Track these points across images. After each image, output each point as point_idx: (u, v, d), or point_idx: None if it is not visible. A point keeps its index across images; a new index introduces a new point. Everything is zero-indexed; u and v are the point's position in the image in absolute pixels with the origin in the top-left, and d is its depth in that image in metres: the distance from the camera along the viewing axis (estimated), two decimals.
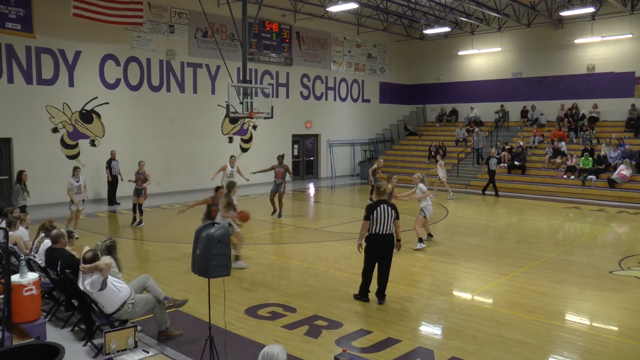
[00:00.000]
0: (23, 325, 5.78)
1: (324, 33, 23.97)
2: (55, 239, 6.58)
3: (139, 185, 13.23)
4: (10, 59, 14.98)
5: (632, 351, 5.87)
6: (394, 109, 28.51)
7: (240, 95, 15.23)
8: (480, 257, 10.05)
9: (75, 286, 5.94)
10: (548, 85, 24.06)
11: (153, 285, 6.20)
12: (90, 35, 16.44)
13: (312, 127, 24.32)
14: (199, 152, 19.65)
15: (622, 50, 21.92)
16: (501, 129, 24.46)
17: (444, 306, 7.34)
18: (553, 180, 19.73)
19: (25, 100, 15.35)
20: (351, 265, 9.28)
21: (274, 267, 9.55)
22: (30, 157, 15.45)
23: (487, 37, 25.43)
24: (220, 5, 19.31)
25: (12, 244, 7.32)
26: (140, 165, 13.46)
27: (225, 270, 5.04)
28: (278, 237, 12.46)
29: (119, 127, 17.49)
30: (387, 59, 27.93)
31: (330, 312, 6.96)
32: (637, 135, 20.68)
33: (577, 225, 14.58)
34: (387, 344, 5.96)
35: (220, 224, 5.20)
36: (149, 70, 18.16)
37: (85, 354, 5.73)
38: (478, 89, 26.36)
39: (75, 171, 11.95)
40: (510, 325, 6.55)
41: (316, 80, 24.16)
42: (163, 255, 10.23)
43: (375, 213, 7.16)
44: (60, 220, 12.99)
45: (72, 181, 11.79)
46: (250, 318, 6.80)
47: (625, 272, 9.05)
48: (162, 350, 5.82)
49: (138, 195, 13.22)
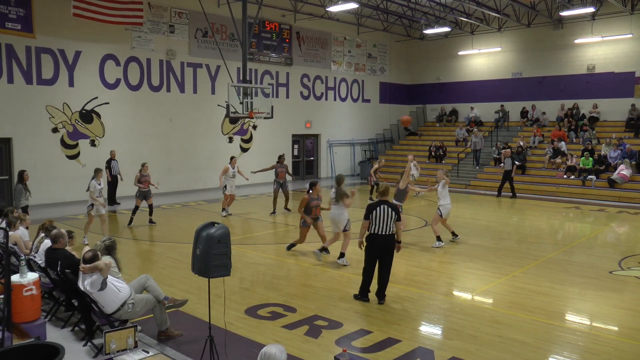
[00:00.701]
0: (23, 325, 5.78)
1: (324, 33, 23.96)
2: (55, 239, 6.58)
3: (146, 188, 13.01)
4: (10, 59, 14.98)
5: (632, 351, 5.87)
6: (394, 109, 28.51)
7: (240, 95, 15.22)
8: (480, 257, 10.05)
9: (75, 286, 5.94)
10: (548, 85, 24.06)
11: (153, 285, 6.20)
12: (90, 35, 16.44)
13: (312, 127, 24.32)
14: (199, 152, 19.65)
15: (622, 50, 21.92)
16: (501, 129, 24.46)
17: (444, 306, 7.34)
18: (553, 180, 19.73)
19: (25, 100, 15.35)
20: (351, 266, 9.28)
21: (274, 267, 9.55)
22: (30, 157, 15.45)
23: (487, 37, 25.43)
24: (220, 5, 19.31)
25: (12, 244, 7.31)
26: (145, 167, 13.18)
27: (225, 270, 5.04)
28: (278, 237, 12.46)
29: (119, 127, 17.49)
30: (387, 59, 27.93)
31: (330, 312, 6.96)
32: (637, 135, 20.68)
33: (577, 225, 14.58)
34: (387, 344, 5.97)
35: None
36: (149, 70, 18.16)
37: (85, 354, 5.73)
38: (478, 89, 26.36)
39: (97, 173, 11.21)
40: (510, 325, 6.55)
41: (316, 80, 24.16)
42: (163, 255, 10.23)
43: (374, 213, 7.16)
44: (60, 220, 13.01)
45: (94, 184, 11.02)
46: (250, 318, 6.80)
47: (625, 272, 9.05)
48: (162, 350, 5.82)
49: (146, 197, 13.07)
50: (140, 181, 13.09)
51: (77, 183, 16.53)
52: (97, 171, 11.26)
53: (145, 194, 13.11)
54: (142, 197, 13.12)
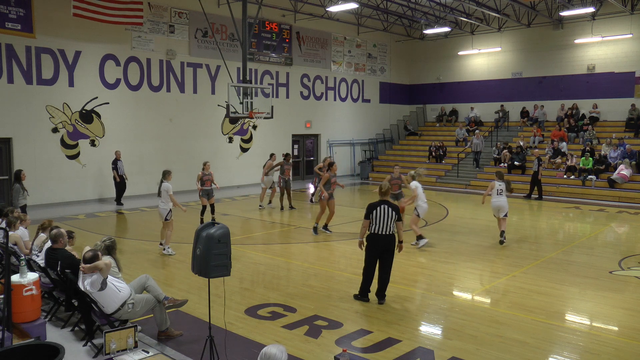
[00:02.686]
0: (23, 325, 5.78)
1: (324, 33, 23.96)
2: (55, 239, 6.58)
3: (209, 186, 13.01)
4: (10, 59, 14.97)
5: (632, 351, 5.87)
6: (394, 109, 28.51)
7: (240, 95, 15.23)
8: (480, 257, 10.05)
9: (75, 286, 5.94)
10: (548, 85, 24.07)
11: (153, 285, 6.20)
12: (90, 35, 16.44)
13: (312, 127, 24.31)
14: (199, 152, 19.62)
15: (622, 50, 21.92)
16: (501, 129, 24.47)
17: (444, 306, 7.34)
18: (553, 180, 19.73)
19: (25, 100, 15.34)
20: (351, 265, 9.28)
21: (274, 267, 9.55)
22: (30, 157, 15.45)
23: (487, 37, 25.44)
24: (220, 5, 19.31)
25: (12, 244, 7.32)
26: (206, 166, 13.16)
27: (225, 270, 5.04)
28: (278, 237, 12.45)
29: (119, 127, 17.49)
30: (387, 59, 27.92)
31: (330, 312, 6.96)
32: (637, 135, 20.68)
33: (577, 225, 14.58)
34: (387, 344, 5.97)
35: (221, 224, 5.19)
36: (149, 70, 18.16)
37: (85, 354, 5.73)
38: (478, 89, 26.36)
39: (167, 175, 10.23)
40: (510, 325, 6.55)
41: (316, 80, 24.15)
42: (163, 255, 10.22)
43: (375, 212, 7.16)
44: (60, 220, 13.00)
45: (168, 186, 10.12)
46: (250, 318, 6.79)
47: (625, 272, 9.05)
48: (162, 350, 5.81)
49: (209, 197, 13.07)
50: (202, 180, 12.95)
51: (77, 183, 16.57)
52: (167, 173, 10.30)
53: (208, 193, 13.06)
54: (206, 196, 13.06)
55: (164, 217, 10.11)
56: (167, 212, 10.08)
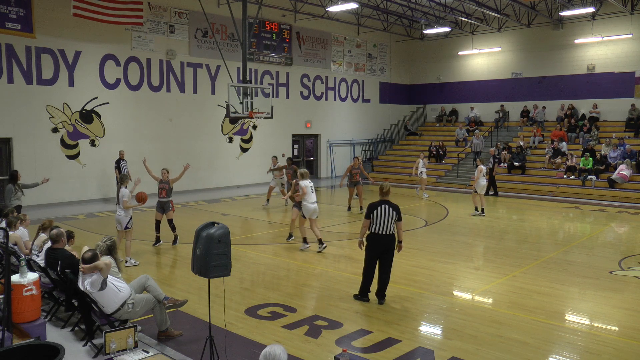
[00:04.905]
0: (23, 325, 5.78)
1: (324, 33, 23.96)
2: (55, 239, 6.58)
3: (164, 197, 10.71)
4: (10, 59, 14.97)
5: (632, 351, 5.87)
6: (394, 109, 28.51)
7: (240, 95, 15.23)
8: (480, 257, 10.06)
9: (75, 286, 5.94)
10: (548, 85, 24.06)
11: (153, 285, 6.20)
12: (90, 35, 16.44)
13: (312, 127, 24.31)
14: (199, 152, 19.63)
15: (622, 50, 21.92)
16: (501, 129, 24.46)
17: (444, 306, 7.34)
18: (553, 180, 19.73)
19: (25, 100, 15.34)
20: (351, 265, 9.28)
21: (274, 267, 9.55)
22: (30, 157, 15.45)
23: (487, 37, 25.43)
24: (220, 5, 19.31)
25: (12, 244, 7.32)
26: (164, 174, 10.91)
27: (225, 270, 5.04)
28: (278, 237, 12.45)
29: (119, 127, 17.49)
30: (387, 59, 27.92)
31: (330, 312, 6.96)
32: (637, 135, 20.67)
33: (577, 225, 14.58)
34: (387, 344, 5.97)
35: (221, 224, 5.18)
36: (149, 70, 18.16)
37: (85, 354, 5.73)
38: (478, 89, 26.36)
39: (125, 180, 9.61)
40: (510, 325, 6.55)
41: (316, 80, 24.15)
42: (163, 255, 10.22)
43: (375, 212, 7.16)
44: (60, 220, 13.00)
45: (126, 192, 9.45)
46: (250, 318, 6.79)
47: (625, 272, 9.05)
48: (162, 350, 5.81)
49: (164, 210, 10.81)
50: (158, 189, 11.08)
51: (77, 183, 16.56)
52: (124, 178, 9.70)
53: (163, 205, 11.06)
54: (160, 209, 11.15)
55: (124, 226, 9.34)
56: (128, 220, 9.36)
